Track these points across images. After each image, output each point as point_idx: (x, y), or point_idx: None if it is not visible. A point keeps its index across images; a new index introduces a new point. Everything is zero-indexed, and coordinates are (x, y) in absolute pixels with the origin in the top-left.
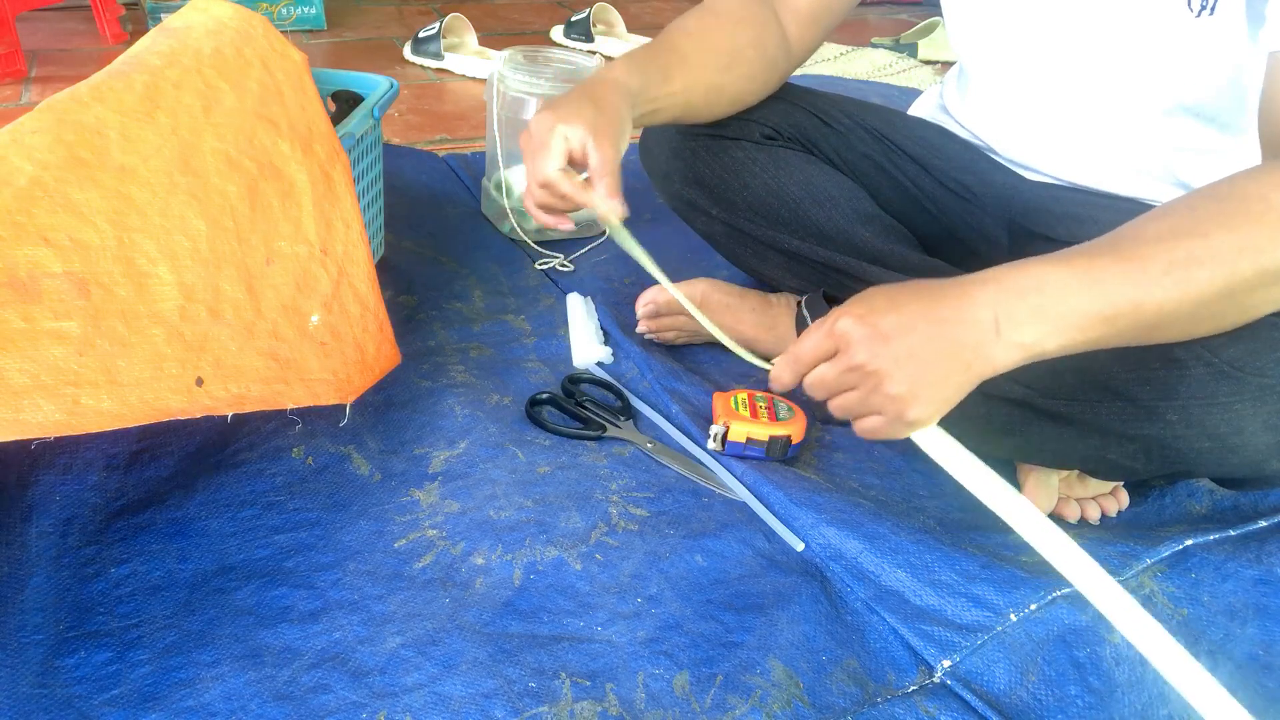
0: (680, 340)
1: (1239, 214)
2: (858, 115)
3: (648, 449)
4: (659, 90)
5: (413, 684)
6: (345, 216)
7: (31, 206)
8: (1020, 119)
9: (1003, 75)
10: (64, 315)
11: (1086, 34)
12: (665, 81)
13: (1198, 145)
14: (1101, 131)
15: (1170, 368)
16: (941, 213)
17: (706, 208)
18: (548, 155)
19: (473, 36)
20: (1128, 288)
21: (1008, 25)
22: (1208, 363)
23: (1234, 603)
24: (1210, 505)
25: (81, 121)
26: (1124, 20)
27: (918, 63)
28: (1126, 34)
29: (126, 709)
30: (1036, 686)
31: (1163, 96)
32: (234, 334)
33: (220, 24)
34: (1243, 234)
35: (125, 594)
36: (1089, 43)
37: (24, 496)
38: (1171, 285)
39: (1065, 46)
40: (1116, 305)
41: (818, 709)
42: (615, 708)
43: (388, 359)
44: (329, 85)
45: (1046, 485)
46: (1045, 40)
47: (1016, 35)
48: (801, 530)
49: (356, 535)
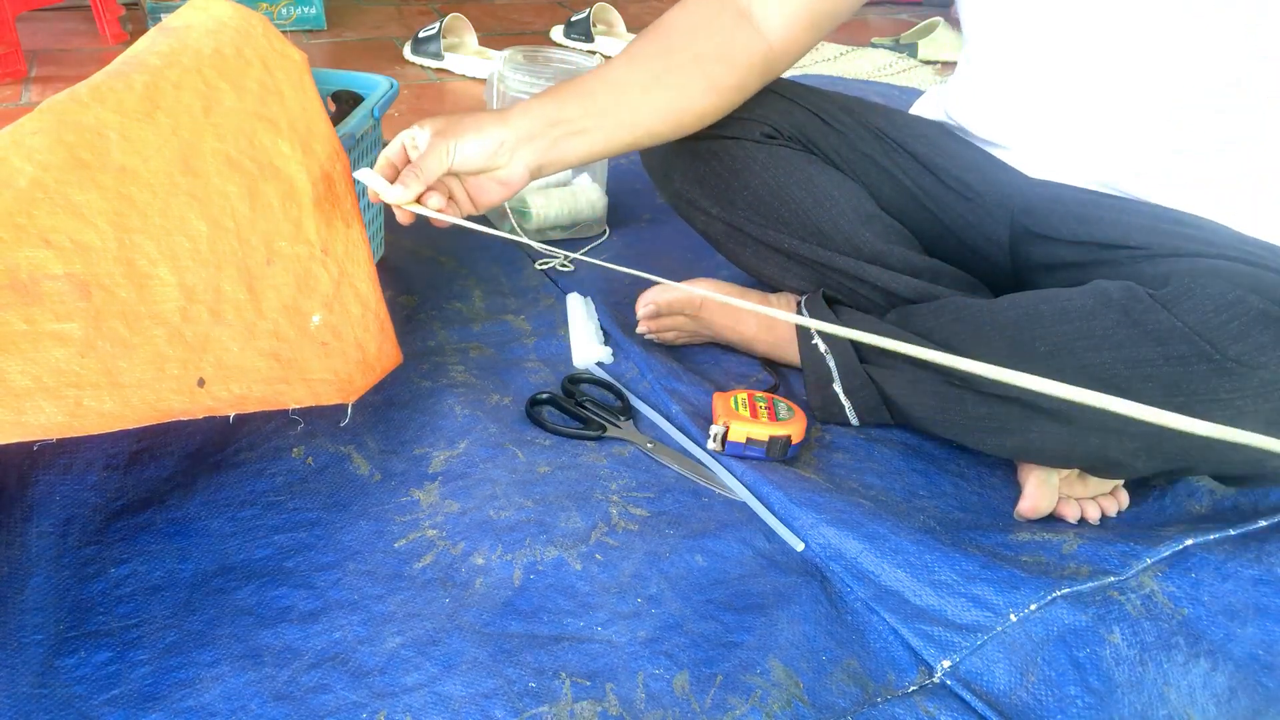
0: (680, 340)
1: None
2: (858, 114)
3: (648, 449)
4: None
5: (413, 684)
6: (345, 216)
7: (32, 208)
8: (1031, 113)
9: (1016, 66)
10: (65, 317)
11: (1109, 23)
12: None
13: (1201, 145)
14: (1110, 126)
15: (1172, 364)
16: (942, 211)
17: (706, 207)
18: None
19: (473, 36)
20: None
21: (1028, 15)
22: (1210, 358)
23: (1234, 603)
24: (1210, 505)
25: (82, 122)
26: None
27: (918, 63)
28: (1144, 23)
29: (126, 709)
30: (1036, 687)
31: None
32: (235, 334)
33: (220, 23)
34: None
35: (125, 594)
36: (1110, 31)
37: (24, 496)
38: None
39: (1086, 35)
40: None
41: (818, 709)
42: (615, 708)
43: (389, 358)
44: (329, 85)
45: (1047, 485)
46: (1067, 28)
47: (1038, 24)
48: (801, 530)
49: (356, 535)
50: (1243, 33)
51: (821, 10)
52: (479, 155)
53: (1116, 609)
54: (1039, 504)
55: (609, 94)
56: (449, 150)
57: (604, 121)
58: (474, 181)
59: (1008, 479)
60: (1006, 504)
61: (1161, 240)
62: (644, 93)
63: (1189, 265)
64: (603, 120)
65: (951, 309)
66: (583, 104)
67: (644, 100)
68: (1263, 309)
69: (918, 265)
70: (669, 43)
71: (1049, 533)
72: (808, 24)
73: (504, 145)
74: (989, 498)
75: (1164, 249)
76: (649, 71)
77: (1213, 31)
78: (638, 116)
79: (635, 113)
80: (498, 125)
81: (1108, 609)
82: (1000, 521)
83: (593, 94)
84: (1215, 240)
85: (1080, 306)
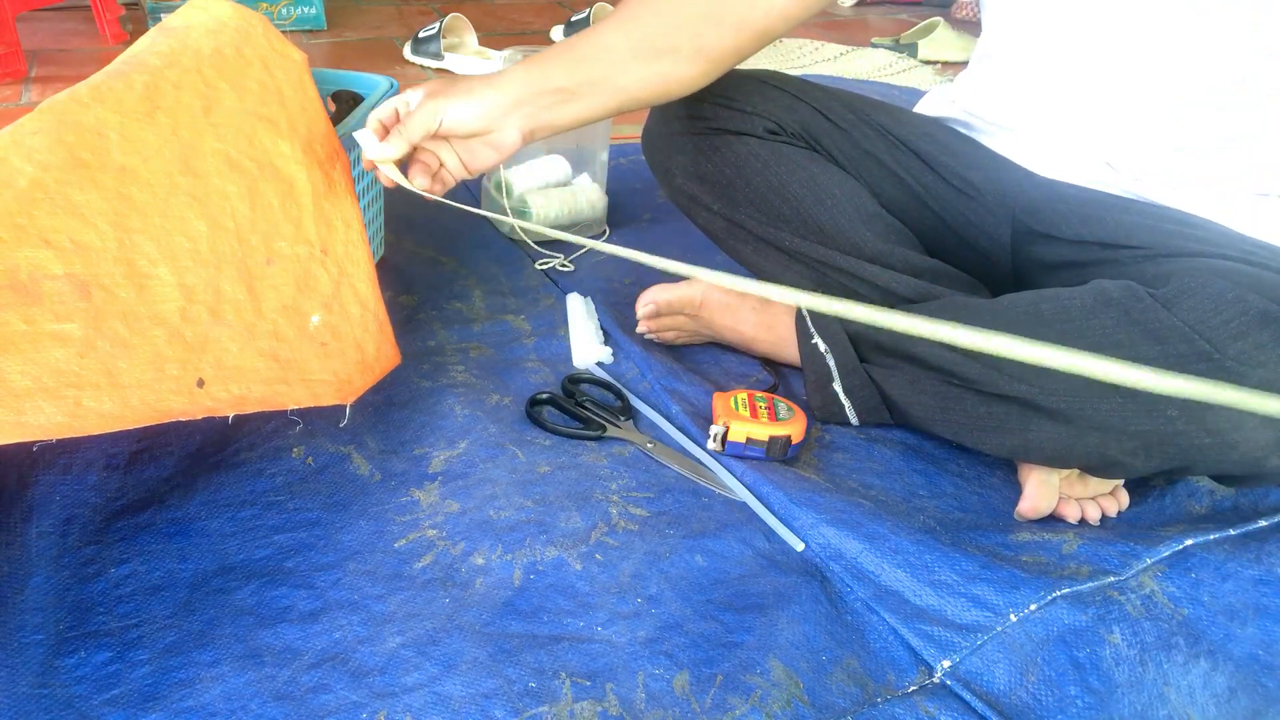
0: (680, 340)
1: None
2: (862, 111)
3: (648, 449)
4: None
5: (413, 684)
6: (345, 216)
7: (32, 208)
8: (1039, 101)
9: (1030, 57)
10: (65, 317)
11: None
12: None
13: (1203, 142)
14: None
15: (1171, 363)
16: (944, 210)
17: (708, 203)
18: (379, 109)
19: (473, 36)
20: None
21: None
22: (1209, 358)
23: (1234, 603)
24: (1210, 505)
25: (81, 122)
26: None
27: (918, 63)
28: (1150, 19)
29: (126, 709)
30: (1036, 687)
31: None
32: (235, 335)
33: (220, 23)
34: None
35: (125, 594)
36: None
37: (24, 496)
38: None
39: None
40: None
41: (818, 709)
42: (615, 708)
43: (388, 359)
44: (329, 85)
45: (1047, 485)
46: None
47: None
48: (801, 530)
49: (356, 535)
50: (1248, 30)
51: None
52: (469, 118)
53: (1116, 609)
54: (1039, 504)
55: (597, 62)
56: (437, 111)
57: (593, 89)
58: (465, 146)
59: (1008, 479)
60: (1006, 504)
61: (1163, 240)
62: (633, 59)
63: (1189, 265)
64: (592, 89)
65: (952, 309)
66: (572, 72)
67: (633, 67)
68: (1262, 308)
69: (919, 265)
70: (660, 2)
71: (1049, 533)
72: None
73: (494, 108)
74: (989, 498)
75: (1165, 249)
76: (639, 36)
77: (1217, 29)
78: (626, 83)
79: (623, 79)
80: (488, 89)
81: (1108, 609)
82: (1000, 521)
83: (582, 60)
84: (1216, 240)
85: (1080, 306)
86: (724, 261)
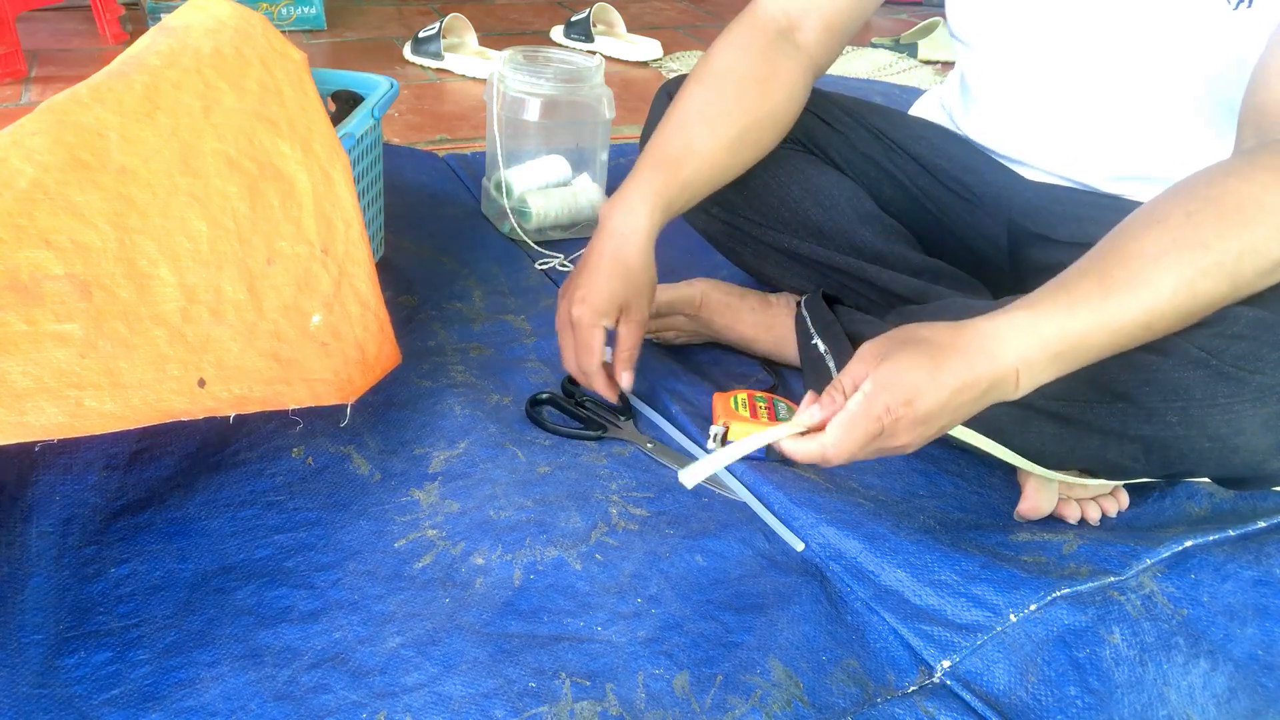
0: (680, 340)
1: (1237, 220)
2: (858, 114)
3: (648, 449)
4: (681, 202)
5: (413, 684)
6: (345, 216)
7: (33, 209)
8: (1026, 118)
9: (1011, 73)
10: (66, 317)
11: (1111, 28)
12: (685, 190)
13: (1208, 147)
14: (1111, 131)
15: (1169, 369)
16: (941, 212)
17: (706, 206)
18: (591, 355)
19: (473, 36)
20: (1141, 314)
21: (1019, 17)
22: (1208, 364)
23: (1234, 603)
24: (1210, 506)
25: (82, 123)
26: (1156, 14)
27: (918, 63)
28: (1157, 28)
29: (126, 709)
30: (1036, 687)
31: (1192, 91)
32: (236, 335)
33: (220, 23)
34: (1243, 239)
35: (125, 594)
36: (1114, 37)
37: (24, 496)
38: (1181, 302)
39: (1087, 41)
40: (1132, 335)
41: (818, 709)
42: (615, 708)
43: (388, 359)
44: (329, 85)
45: (1047, 486)
46: (1064, 35)
47: (1030, 28)
48: (801, 530)
49: (356, 535)
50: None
51: (855, 15)
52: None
53: (1116, 609)
54: (1039, 504)
55: (703, 168)
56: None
57: (702, 189)
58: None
59: (1008, 479)
60: (1006, 504)
61: None
62: (730, 156)
63: None
64: (700, 188)
65: (951, 309)
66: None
67: (730, 160)
68: (1259, 314)
69: (917, 265)
70: (741, 99)
71: (1049, 533)
72: (842, 32)
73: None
74: (989, 498)
75: None
76: (730, 134)
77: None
78: (727, 175)
79: (725, 173)
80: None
81: (1108, 609)
82: (1000, 521)
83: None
84: None
85: None
86: (721, 263)
